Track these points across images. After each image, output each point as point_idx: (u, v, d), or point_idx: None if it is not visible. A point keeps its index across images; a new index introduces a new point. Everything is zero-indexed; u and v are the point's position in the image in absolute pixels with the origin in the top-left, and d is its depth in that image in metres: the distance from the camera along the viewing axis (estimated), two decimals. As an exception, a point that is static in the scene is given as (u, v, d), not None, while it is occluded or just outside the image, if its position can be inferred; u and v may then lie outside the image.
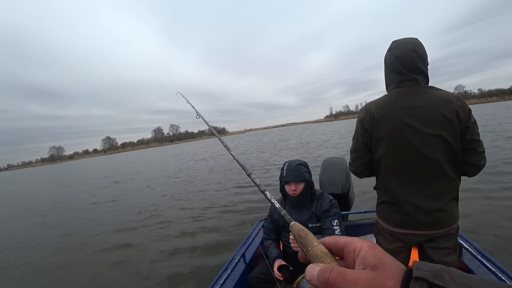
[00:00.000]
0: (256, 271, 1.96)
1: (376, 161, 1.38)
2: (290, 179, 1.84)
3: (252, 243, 2.36)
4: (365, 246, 0.28)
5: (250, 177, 0.74)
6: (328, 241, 0.33)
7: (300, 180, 1.83)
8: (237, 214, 5.38)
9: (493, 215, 3.71)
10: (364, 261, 0.27)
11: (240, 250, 2.18)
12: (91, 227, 6.07)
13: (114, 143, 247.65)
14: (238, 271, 1.98)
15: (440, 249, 1.30)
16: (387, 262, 0.26)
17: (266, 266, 1.98)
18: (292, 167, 1.85)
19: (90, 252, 4.54)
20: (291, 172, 1.84)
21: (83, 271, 3.87)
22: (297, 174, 1.83)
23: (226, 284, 1.82)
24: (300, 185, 1.85)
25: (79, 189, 13.97)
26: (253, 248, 2.29)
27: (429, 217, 1.26)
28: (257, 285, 1.89)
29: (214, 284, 1.77)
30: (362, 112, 1.39)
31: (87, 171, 29.18)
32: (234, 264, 1.98)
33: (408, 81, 1.28)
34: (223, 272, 1.90)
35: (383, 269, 0.25)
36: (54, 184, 19.61)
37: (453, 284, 0.22)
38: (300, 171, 1.83)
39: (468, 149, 1.24)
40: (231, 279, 1.88)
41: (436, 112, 1.20)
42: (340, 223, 1.81)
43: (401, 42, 1.31)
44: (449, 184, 1.26)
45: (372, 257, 0.27)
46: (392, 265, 0.26)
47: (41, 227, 6.90)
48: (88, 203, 9.17)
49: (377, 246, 0.28)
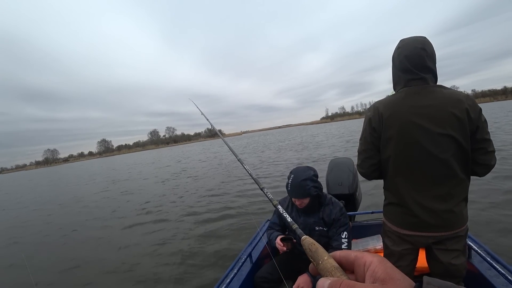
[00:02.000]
0: (262, 271, 1.95)
1: (384, 161, 1.34)
2: (295, 196, 1.80)
3: (258, 243, 2.35)
4: (375, 261, 0.29)
5: (263, 191, 0.75)
6: (339, 255, 0.34)
7: (305, 197, 1.78)
8: (243, 215, 5.40)
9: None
10: (374, 275, 0.28)
11: (246, 249, 2.18)
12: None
13: (109, 146, 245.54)
14: (244, 270, 1.98)
15: (448, 251, 1.28)
16: (396, 277, 0.27)
17: (273, 265, 1.98)
18: (296, 182, 1.76)
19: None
20: (295, 189, 1.77)
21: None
22: (301, 192, 1.76)
23: (233, 283, 1.81)
24: (306, 200, 1.80)
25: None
26: (260, 248, 2.29)
27: (438, 218, 1.24)
28: (264, 285, 1.89)
29: (220, 283, 1.77)
30: (370, 111, 1.36)
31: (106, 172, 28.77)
32: (241, 264, 1.98)
33: (417, 80, 1.25)
34: (230, 272, 1.89)
35: (392, 284, 0.26)
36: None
37: None
38: (305, 188, 1.74)
39: (479, 149, 1.22)
40: (238, 279, 1.87)
41: (446, 111, 1.18)
42: (349, 235, 1.79)
43: (410, 40, 1.27)
44: (458, 185, 1.23)
45: (382, 272, 0.27)
46: (401, 280, 0.27)
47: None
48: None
49: (387, 261, 0.29)
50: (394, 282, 0.26)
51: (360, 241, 2.30)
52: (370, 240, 2.27)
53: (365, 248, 2.19)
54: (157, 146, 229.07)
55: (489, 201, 4.30)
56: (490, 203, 4.21)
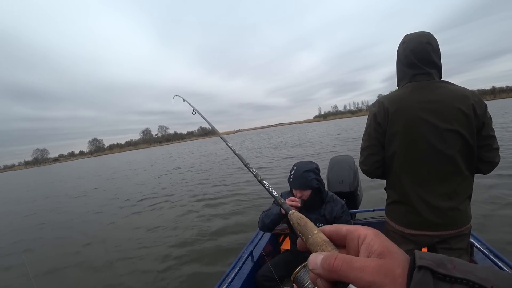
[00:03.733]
0: (264, 270, 1.94)
1: (388, 158, 1.31)
2: (296, 187, 1.78)
3: (260, 241, 2.34)
4: (370, 234, 0.28)
5: (247, 167, 0.72)
6: (329, 229, 0.32)
7: (306, 188, 1.77)
8: (245, 212, 5.41)
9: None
10: (369, 249, 0.27)
11: (247, 248, 2.16)
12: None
13: (101, 145, 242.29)
14: (246, 269, 1.96)
15: (452, 250, 1.26)
16: (394, 250, 0.26)
17: (274, 264, 1.96)
18: (299, 173, 1.76)
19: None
20: (297, 179, 1.76)
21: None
22: (303, 182, 1.74)
23: (234, 282, 1.80)
24: (307, 192, 1.78)
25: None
26: (261, 247, 2.27)
27: (443, 217, 1.22)
28: (265, 284, 1.87)
29: (222, 282, 1.75)
30: (375, 106, 1.32)
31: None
32: (242, 263, 1.96)
33: (422, 75, 1.24)
34: (231, 270, 1.87)
35: (391, 257, 0.25)
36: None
37: (456, 272, 0.21)
38: (307, 178, 1.74)
39: (484, 146, 1.21)
40: (239, 277, 1.86)
41: (453, 107, 1.16)
42: None
43: (415, 35, 1.25)
44: (463, 182, 1.22)
45: (378, 245, 0.26)
46: (398, 253, 0.26)
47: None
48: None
49: (381, 234, 0.28)
50: (392, 255, 0.25)
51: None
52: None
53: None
54: (150, 145, 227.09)
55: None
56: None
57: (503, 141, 9.16)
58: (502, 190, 4.66)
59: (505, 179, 5.16)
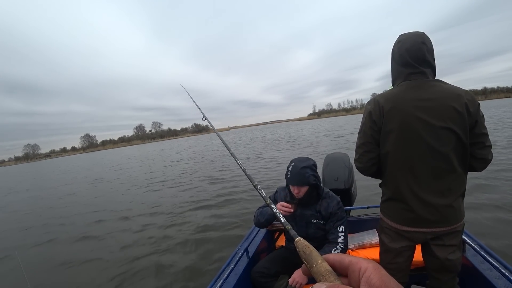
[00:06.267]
0: (259, 266, 1.95)
1: (383, 156, 1.34)
2: (294, 183, 1.80)
3: (255, 237, 2.35)
4: (370, 267, 0.29)
5: (257, 188, 0.74)
6: (333, 258, 0.34)
7: (303, 184, 1.78)
8: (240, 210, 5.41)
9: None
10: (369, 282, 0.28)
11: (243, 244, 2.16)
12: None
13: (94, 141, 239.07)
14: (241, 265, 1.97)
15: (446, 247, 1.29)
16: (391, 285, 0.27)
17: (269, 260, 1.98)
18: (296, 170, 1.77)
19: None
20: (294, 175, 1.77)
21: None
22: (300, 179, 1.76)
23: (229, 278, 1.80)
24: (304, 188, 1.80)
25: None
26: (256, 243, 2.28)
27: (437, 214, 1.24)
28: (260, 280, 1.88)
29: (217, 278, 1.75)
30: (370, 104, 1.35)
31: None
32: (237, 259, 1.96)
33: (417, 74, 1.26)
34: (226, 267, 1.88)
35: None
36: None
37: None
38: (304, 175, 1.75)
39: (477, 143, 1.24)
40: (234, 274, 1.86)
41: (447, 106, 1.19)
42: (345, 229, 1.80)
43: (410, 35, 1.28)
44: (457, 179, 1.25)
45: (377, 279, 0.28)
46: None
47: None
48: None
49: (381, 268, 0.30)
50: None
51: (356, 236, 2.32)
52: (366, 234, 2.29)
53: (361, 242, 2.21)
54: (143, 141, 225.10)
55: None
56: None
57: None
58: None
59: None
